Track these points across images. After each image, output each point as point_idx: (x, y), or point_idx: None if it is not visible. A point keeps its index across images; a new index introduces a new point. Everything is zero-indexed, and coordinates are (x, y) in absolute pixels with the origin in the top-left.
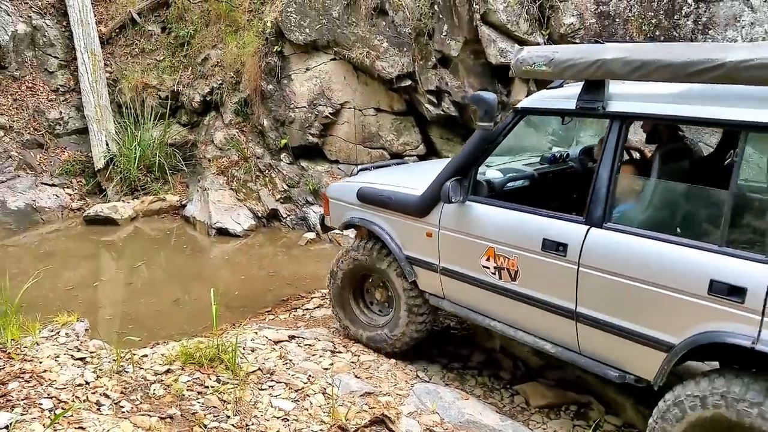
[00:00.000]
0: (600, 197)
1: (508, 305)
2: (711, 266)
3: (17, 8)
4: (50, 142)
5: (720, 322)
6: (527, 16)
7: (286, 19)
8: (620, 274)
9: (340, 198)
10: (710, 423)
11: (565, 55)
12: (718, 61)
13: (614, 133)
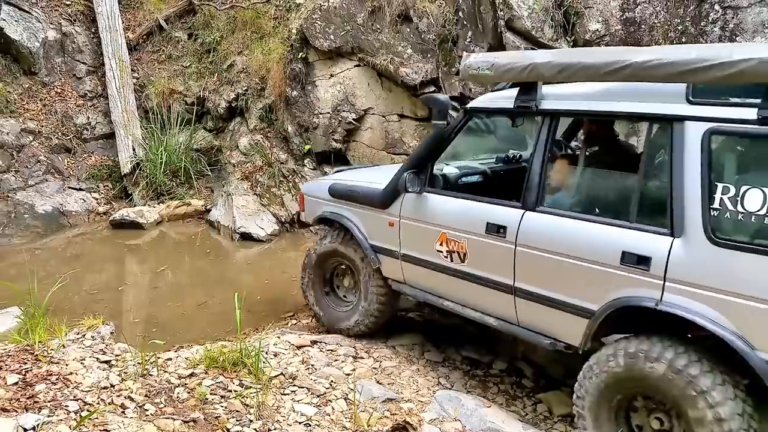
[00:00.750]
0: (533, 184)
1: (458, 285)
2: (622, 240)
3: (48, 15)
4: (78, 146)
5: (631, 288)
6: (552, 22)
7: (311, 26)
8: (550, 251)
9: (313, 194)
10: (624, 377)
11: (503, 60)
12: (625, 62)
13: (545, 128)
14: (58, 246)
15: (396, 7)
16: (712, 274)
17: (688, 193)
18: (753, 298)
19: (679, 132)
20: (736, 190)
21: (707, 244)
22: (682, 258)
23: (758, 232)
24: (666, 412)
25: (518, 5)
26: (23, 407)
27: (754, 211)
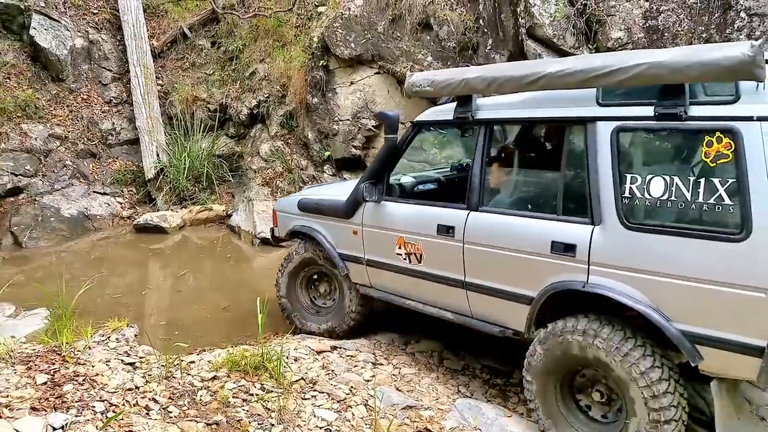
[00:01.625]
0: (475, 187)
1: (417, 284)
2: (551, 231)
3: (76, 24)
4: (103, 152)
5: (561, 273)
6: (574, 30)
7: (332, 34)
8: (492, 246)
9: (285, 210)
10: (563, 354)
11: (442, 76)
12: (541, 73)
13: (481, 136)
14: (83, 249)
15: (416, 15)
16: (627, 256)
17: (603, 185)
18: (664, 274)
19: (591, 131)
20: (643, 179)
21: (621, 229)
22: (602, 243)
23: (663, 214)
24: (605, 385)
25: (540, 13)
26: (52, 407)
27: (658, 197)
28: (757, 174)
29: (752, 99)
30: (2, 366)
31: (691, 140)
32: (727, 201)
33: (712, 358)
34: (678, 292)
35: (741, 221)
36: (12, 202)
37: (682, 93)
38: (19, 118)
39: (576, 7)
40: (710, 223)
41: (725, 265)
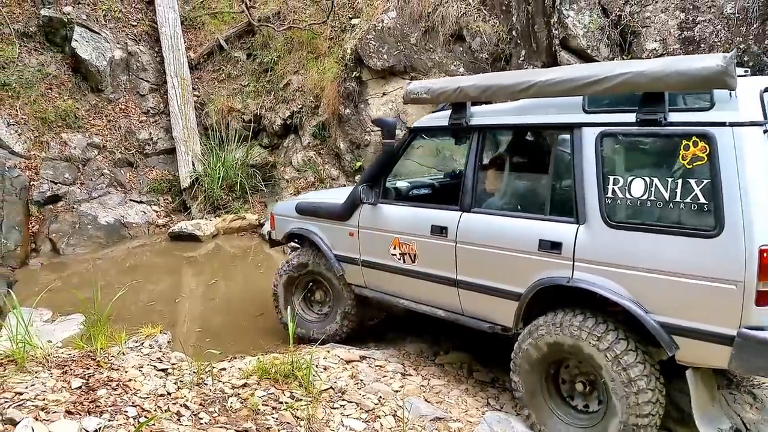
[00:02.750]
0: (468, 189)
1: (411, 283)
2: (539, 230)
3: (115, 36)
4: (140, 161)
5: (548, 270)
6: (608, 41)
7: (365, 45)
8: (483, 245)
9: (283, 214)
10: (547, 346)
11: (438, 85)
12: (531, 82)
13: (474, 141)
14: (119, 256)
15: (449, 27)
16: (610, 252)
17: (588, 186)
18: (643, 269)
19: (577, 137)
20: (624, 180)
21: (604, 227)
22: (586, 241)
23: (643, 214)
24: (587, 376)
25: (573, 24)
26: (86, 411)
27: (638, 197)
28: (730, 175)
29: (725, 106)
30: (39, 370)
31: (669, 144)
32: (702, 200)
33: (687, 347)
34: (656, 286)
35: (715, 219)
36: (51, 210)
37: (661, 101)
38: (60, 127)
39: (611, 18)
40: (686, 221)
41: (700, 260)
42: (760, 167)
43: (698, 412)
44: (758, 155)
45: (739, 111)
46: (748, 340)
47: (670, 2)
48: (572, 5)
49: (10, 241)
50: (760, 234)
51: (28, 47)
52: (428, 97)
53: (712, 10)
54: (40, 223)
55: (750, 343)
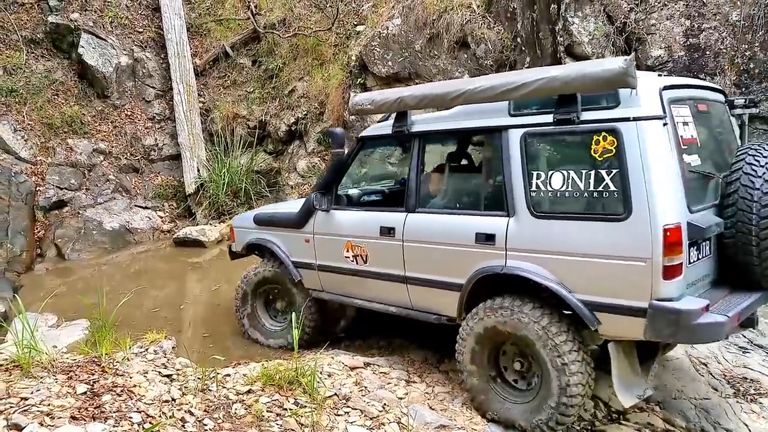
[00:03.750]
0: (412, 191)
1: (364, 283)
2: (475, 224)
3: (122, 42)
4: (145, 167)
5: (485, 260)
6: (613, 48)
7: (370, 52)
8: (427, 242)
9: (242, 226)
10: (486, 330)
11: (381, 96)
12: (462, 90)
13: (416, 146)
14: (124, 262)
15: (454, 34)
16: (536, 241)
17: (515, 182)
18: (565, 253)
19: (505, 138)
20: (546, 175)
21: (531, 218)
22: (515, 231)
23: (563, 203)
24: (524, 356)
25: (578, 31)
26: (91, 416)
27: (559, 189)
28: (635, 165)
29: (629, 103)
30: (44, 375)
31: (582, 140)
32: (612, 188)
33: (608, 322)
34: (577, 268)
35: (624, 204)
36: (57, 215)
37: (574, 102)
38: (66, 133)
39: (615, 25)
40: (600, 207)
41: (613, 242)
42: (661, 156)
43: (618, 381)
44: (659, 146)
45: (641, 107)
46: (659, 311)
47: (675, 9)
48: (577, 12)
49: (16, 246)
50: (663, 215)
51: (35, 54)
52: (372, 108)
53: (717, 17)
54: (46, 229)
55: (660, 313)
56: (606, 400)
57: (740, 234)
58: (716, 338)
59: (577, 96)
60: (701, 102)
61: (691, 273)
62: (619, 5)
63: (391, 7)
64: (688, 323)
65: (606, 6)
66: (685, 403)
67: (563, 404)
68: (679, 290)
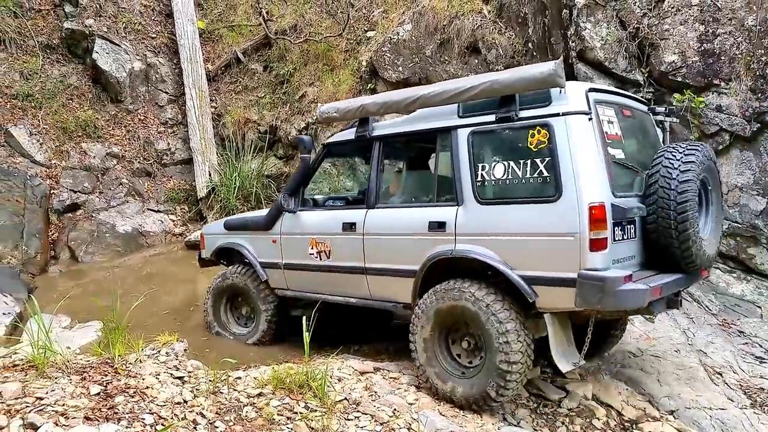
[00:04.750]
0: (372, 189)
1: (327, 278)
2: (429, 214)
3: (135, 47)
4: (158, 171)
5: (436, 246)
6: (626, 53)
7: (381, 57)
8: (385, 234)
9: (212, 232)
10: (437, 311)
11: (344, 105)
12: (416, 96)
13: (376, 148)
14: (136, 265)
15: (465, 39)
16: (481, 225)
17: (463, 174)
18: (506, 234)
19: (454, 137)
20: (489, 166)
21: (477, 205)
22: (464, 218)
23: (504, 190)
24: (471, 335)
25: (590, 36)
26: (104, 417)
27: (500, 177)
28: (564, 153)
29: (559, 101)
30: (59, 375)
31: (520, 134)
32: (545, 174)
33: (543, 295)
34: (517, 247)
35: (555, 187)
36: (70, 218)
37: (513, 101)
38: (80, 137)
39: (628, 30)
40: (535, 191)
41: (547, 221)
42: (586, 145)
43: (555, 350)
44: (584, 136)
45: (569, 104)
46: (586, 279)
47: (689, 15)
48: (589, 18)
49: (30, 248)
50: (588, 195)
51: (50, 59)
52: (337, 116)
53: (732, 22)
54: (60, 231)
55: (587, 281)
56: (619, 409)
57: (661, 219)
58: (637, 304)
59: (516, 97)
60: (626, 108)
61: (617, 250)
62: (632, 10)
63: (401, 13)
64: (611, 290)
65: (618, 11)
66: (700, 413)
67: (504, 377)
68: (605, 263)
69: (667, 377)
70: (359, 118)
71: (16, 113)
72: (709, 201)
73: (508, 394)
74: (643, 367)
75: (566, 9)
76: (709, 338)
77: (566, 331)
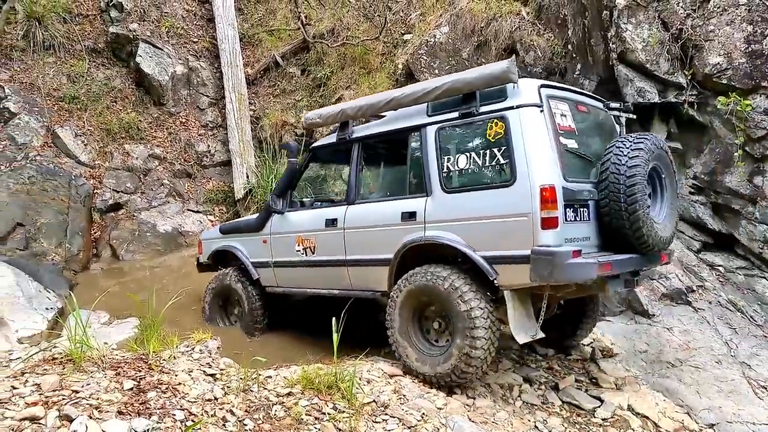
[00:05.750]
0: (352, 186)
1: (313, 272)
2: (402, 205)
3: (177, 51)
4: (198, 172)
5: (409, 234)
6: (668, 55)
7: (417, 60)
8: (364, 227)
9: (209, 237)
10: (413, 293)
11: (326, 111)
12: (390, 97)
13: (356, 149)
14: (175, 264)
15: (502, 41)
16: (447, 212)
17: (431, 167)
18: (469, 219)
19: (424, 134)
20: (454, 158)
21: (443, 194)
22: (432, 207)
23: (467, 179)
24: (442, 317)
25: (632, 38)
26: (136, 412)
27: (463, 168)
28: (518, 141)
29: (513, 96)
30: (94, 370)
31: (480, 128)
32: (502, 162)
33: (503, 273)
34: (478, 229)
35: (510, 173)
36: (112, 217)
37: (474, 98)
38: (123, 139)
39: (671, 32)
40: (493, 178)
41: (503, 204)
42: (538, 134)
43: (514, 323)
44: (536, 126)
45: (522, 98)
46: (538, 255)
47: (736, 14)
48: (630, 19)
49: (73, 246)
50: (539, 178)
51: (96, 62)
52: (321, 121)
53: None
54: (102, 230)
55: (539, 257)
56: (656, 421)
57: (612, 203)
58: (585, 277)
59: (477, 94)
60: (581, 104)
61: (569, 230)
62: (675, 11)
63: (438, 16)
64: (561, 264)
65: (661, 12)
66: (742, 428)
67: (470, 354)
68: (556, 240)
69: (707, 389)
70: (340, 122)
71: (63, 115)
72: (663, 187)
73: (471, 371)
74: (681, 378)
75: (606, 10)
76: (754, 350)
77: (525, 307)
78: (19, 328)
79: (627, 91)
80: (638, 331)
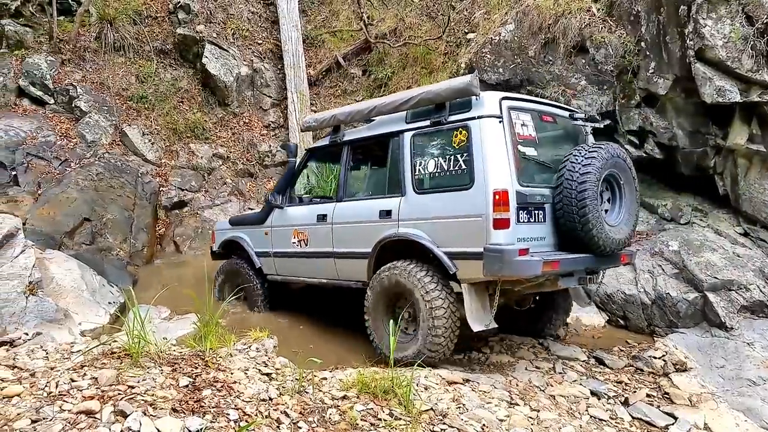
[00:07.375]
0: (341, 185)
1: (306, 263)
2: (380, 204)
3: (242, 53)
4: (259, 172)
5: (385, 231)
6: (752, 52)
7: (480, 59)
8: (348, 222)
9: (221, 228)
10: (386, 286)
11: (321, 116)
12: (372, 106)
13: (345, 151)
14: None
15: (571, 39)
16: (417, 211)
17: (406, 170)
18: (435, 218)
19: (402, 139)
20: (425, 162)
21: (415, 194)
22: (405, 206)
23: (435, 181)
24: (411, 306)
25: (711, 34)
26: (191, 410)
27: (432, 171)
28: (477, 149)
29: (477, 107)
30: (151, 365)
31: (447, 135)
32: (463, 167)
33: (462, 267)
34: (442, 228)
35: (469, 177)
36: (177, 215)
37: (444, 108)
38: (188, 138)
39: (756, 26)
40: (456, 182)
41: (463, 205)
42: (495, 143)
43: (470, 314)
44: (494, 136)
45: (484, 109)
46: (490, 252)
47: None
48: (710, 14)
49: (138, 242)
50: (493, 183)
51: (164, 63)
52: (315, 125)
53: None
54: (167, 226)
55: (490, 254)
56: None
57: (565, 206)
58: (531, 273)
59: (447, 104)
60: (546, 114)
61: (522, 230)
62: (761, 4)
63: (504, 13)
64: (509, 260)
65: (745, 6)
66: None
67: (431, 340)
68: (507, 239)
69: None
70: (332, 126)
71: (131, 114)
72: (622, 193)
73: (434, 356)
74: (764, 398)
75: (684, 5)
76: None
77: (481, 298)
78: (82, 321)
79: (705, 91)
80: (715, 344)
